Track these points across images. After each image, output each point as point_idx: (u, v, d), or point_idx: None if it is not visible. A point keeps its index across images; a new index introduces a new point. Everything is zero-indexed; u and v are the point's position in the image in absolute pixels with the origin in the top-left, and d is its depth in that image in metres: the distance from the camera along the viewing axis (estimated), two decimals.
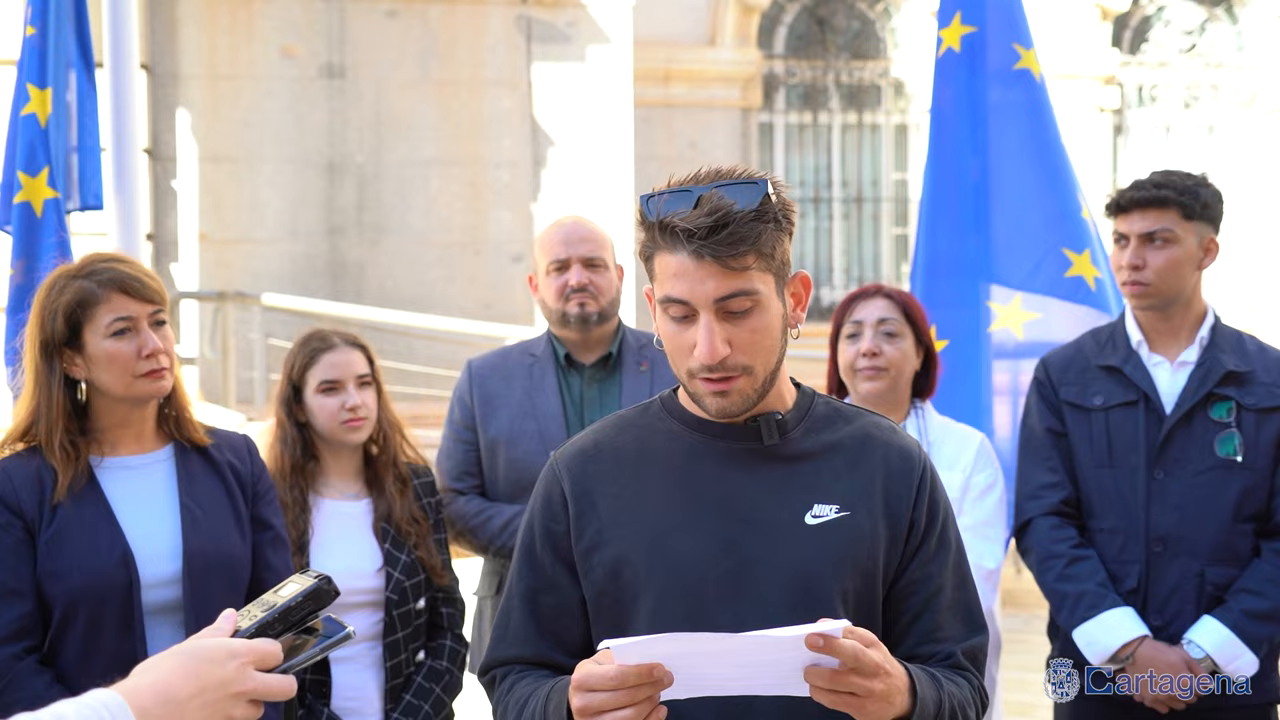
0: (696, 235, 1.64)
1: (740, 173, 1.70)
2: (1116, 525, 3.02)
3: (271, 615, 1.49)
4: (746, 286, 1.67)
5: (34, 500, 2.33)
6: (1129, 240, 3.04)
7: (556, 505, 1.82)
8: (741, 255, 1.66)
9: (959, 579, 1.83)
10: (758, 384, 1.73)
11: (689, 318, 1.70)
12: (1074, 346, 3.20)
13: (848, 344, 2.99)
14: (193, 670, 1.38)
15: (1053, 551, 3.03)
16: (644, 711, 1.53)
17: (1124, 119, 11.26)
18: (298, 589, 1.51)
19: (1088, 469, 3.06)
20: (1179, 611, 2.96)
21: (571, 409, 3.21)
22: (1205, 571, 2.95)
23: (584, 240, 3.21)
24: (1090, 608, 2.95)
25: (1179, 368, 3.05)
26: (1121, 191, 3.07)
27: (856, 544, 1.74)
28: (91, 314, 2.37)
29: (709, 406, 1.74)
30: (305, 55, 8.39)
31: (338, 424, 2.90)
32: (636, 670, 1.50)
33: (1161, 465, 2.99)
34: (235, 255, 8.33)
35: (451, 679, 2.97)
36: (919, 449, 1.86)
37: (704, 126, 10.56)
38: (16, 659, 2.27)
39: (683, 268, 1.67)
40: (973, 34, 3.82)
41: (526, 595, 1.83)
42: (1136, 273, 3.02)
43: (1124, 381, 3.06)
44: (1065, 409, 3.10)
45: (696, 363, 1.70)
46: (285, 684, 1.44)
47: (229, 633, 1.47)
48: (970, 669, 1.80)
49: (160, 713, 1.34)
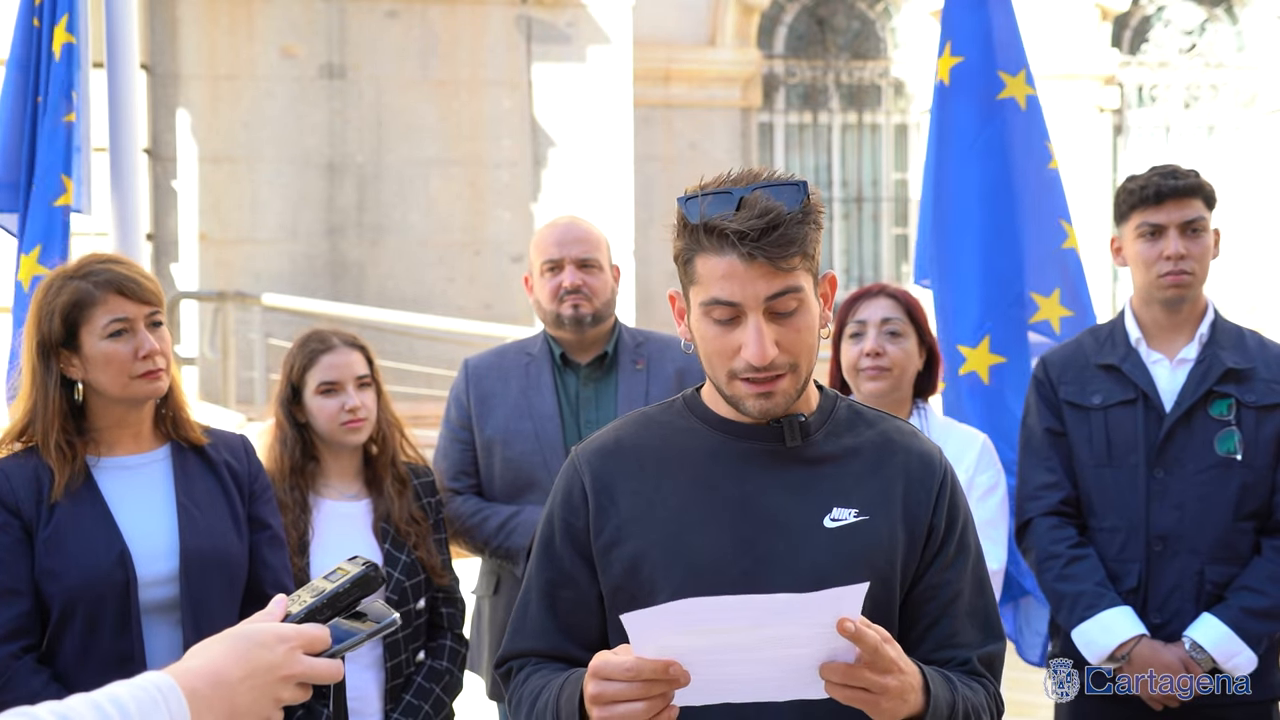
0: (749, 237, 1.65)
1: (775, 175, 1.72)
2: (1117, 524, 3.01)
3: (320, 601, 1.53)
4: (794, 283, 1.68)
5: (32, 500, 2.33)
6: (1165, 231, 2.99)
7: (577, 500, 1.82)
8: (790, 256, 1.67)
9: (977, 585, 1.83)
10: (800, 382, 1.74)
11: (734, 320, 1.70)
12: (1073, 345, 3.19)
13: (851, 344, 2.99)
14: (243, 653, 1.41)
15: (1052, 551, 3.03)
16: (656, 707, 1.52)
17: (1124, 119, 11.26)
18: (345, 576, 1.56)
19: (1087, 468, 3.06)
20: (1179, 610, 2.95)
21: (567, 408, 3.21)
22: (1205, 570, 2.95)
23: (578, 241, 3.20)
24: (1088, 607, 2.94)
25: (1178, 365, 3.04)
26: (1152, 181, 3.01)
27: (874, 548, 1.75)
28: (88, 315, 2.37)
29: (751, 409, 1.74)
30: (305, 55, 8.40)
31: (337, 425, 2.90)
32: (652, 665, 1.50)
33: (1161, 464, 2.98)
34: (235, 255, 8.33)
35: (452, 679, 2.97)
36: (940, 454, 1.86)
37: (704, 126, 10.56)
38: (14, 658, 2.28)
39: (732, 269, 1.67)
40: (960, 64, 3.76)
41: (544, 589, 1.84)
42: (1181, 263, 2.98)
43: (1123, 380, 3.05)
44: (1064, 408, 3.09)
45: (742, 363, 1.70)
46: (333, 668, 1.48)
47: (279, 618, 1.50)
48: (986, 675, 1.80)
49: (210, 694, 1.37)
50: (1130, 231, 3.06)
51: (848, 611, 1.49)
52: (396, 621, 1.57)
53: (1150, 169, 3.08)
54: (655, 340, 3.30)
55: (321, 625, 1.50)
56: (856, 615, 1.50)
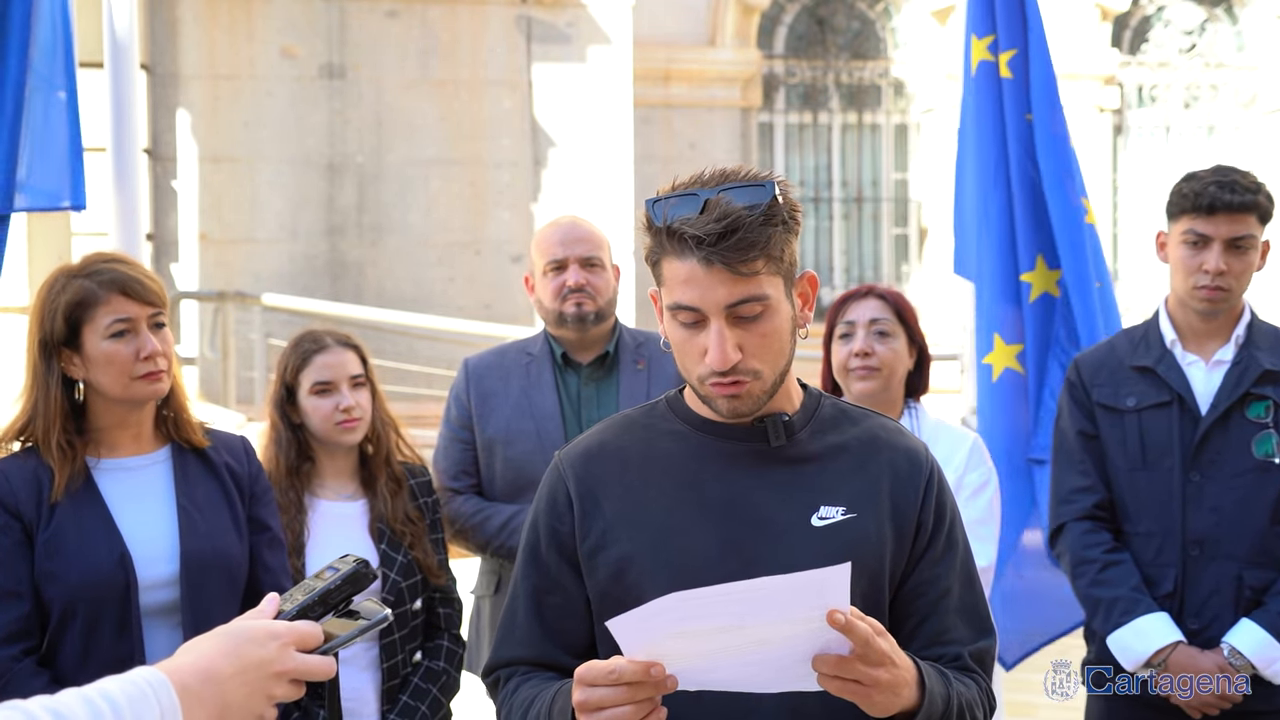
0: (706, 242, 1.63)
1: (746, 174, 1.69)
2: (1152, 528, 2.96)
3: (312, 598, 1.54)
4: (756, 292, 1.66)
5: (32, 501, 2.32)
6: (1210, 243, 2.92)
7: (561, 505, 1.81)
8: (751, 260, 1.64)
9: (966, 581, 1.83)
10: (767, 387, 1.72)
11: (699, 323, 1.69)
12: (1107, 346, 3.14)
13: (840, 344, 3.00)
14: (234, 650, 1.42)
15: (1086, 556, 2.99)
16: (643, 711, 1.52)
17: (1124, 119, 11.26)
18: (337, 573, 1.57)
19: (1121, 471, 3.01)
20: (1217, 615, 2.90)
21: (569, 408, 3.21)
22: (1243, 574, 2.89)
23: (581, 240, 3.20)
24: (1124, 613, 2.90)
25: (1214, 367, 2.98)
26: (1208, 191, 2.91)
27: (863, 546, 1.74)
28: (91, 314, 2.36)
29: (721, 408, 1.73)
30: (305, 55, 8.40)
31: (332, 425, 2.89)
32: (633, 668, 1.49)
33: (1197, 467, 2.93)
34: (235, 255, 8.34)
35: (449, 679, 2.97)
36: (926, 451, 1.86)
37: (704, 126, 10.57)
38: (15, 660, 2.27)
39: (692, 274, 1.65)
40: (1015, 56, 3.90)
41: (531, 595, 1.82)
42: (1220, 278, 2.92)
43: (1157, 382, 2.99)
44: (1098, 410, 3.04)
45: (707, 369, 1.69)
46: (325, 664, 1.48)
47: (272, 615, 1.51)
48: (978, 671, 1.80)
49: (201, 690, 1.37)
50: (1176, 234, 2.99)
51: (834, 594, 1.48)
52: (389, 617, 1.58)
53: (1214, 170, 2.98)
54: (656, 340, 3.30)
55: (313, 622, 1.51)
56: (844, 598, 1.49)
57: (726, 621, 1.48)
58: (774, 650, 1.52)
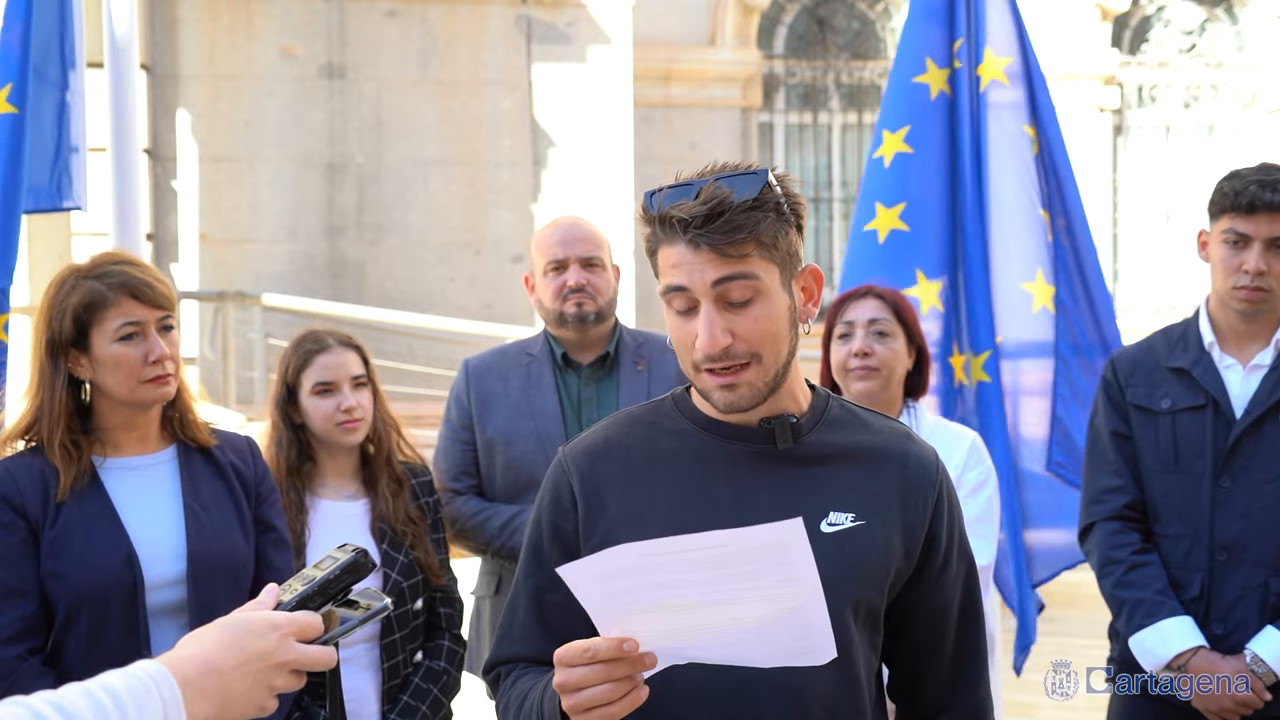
0: (693, 224, 1.64)
1: (742, 166, 1.70)
2: (1181, 531, 2.94)
3: (311, 588, 1.54)
4: (745, 270, 1.65)
5: (38, 500, 2.32)
6: (1251, 243, 2.88)
7: (565, 503, 1.80)
8: (739, 243, 1.64)
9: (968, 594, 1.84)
10: (768, 375, 1.70)
11: (692, 309, 1.69)
12: (1144, 346, 3.10)
13: (839, 344, 3.00)
14: (235, 641, 1.42)
15: (1113, 557, 2.98)
16: (623, 689, 1.52)
17: (1124, 119, 11.26)
18: (336, 563, 1.57)
19: (1153, 473, 2.99)
20: (1241, 621, 2.88)
21: (569, 408, 3.21)
22: (1270, 582, 2.87)
23: (581, 240, 3.21)
24: (1147, 615, 2.89)
25: (1251, 371, 2.95)
26: (1249, 190, 2.87)
27: (871, 554, 1.73)
28: (100, 316, 2.36)
29: (716, 401, 1.71)
30: (305, 55, 8.40)
31: (333, 425, 2.90)
32: (607, 645, 1.50)
33: (1228, 472, 2.90)
34: (235, 255, 8.34)
35: (449, 679, 2.97)
36: (935, 458, 1.84)
37: (704, 126, 10.57)
38: (20, 660, 2.27)
39: (681, 257, 1.66)
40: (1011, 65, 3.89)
41: (533, 593, 1.82)
42: (1260, 278, 2.87)
43: (1192, 384, 2.96)
44: (1132, 411, 3.02)
45: (700, 354, 1.68)
46: (325, 655, 1.49)
47: (271, 606, 1.51)
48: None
49: (203, 682, 1.38)
50: (1217, 233, 2.95)
51: (796, 553, 1.45)
52: (389, 606, 1.58)
53: (1257, 169, 2.95)
54: (655, 341, 3.30)
55: (313, 612, 1.51)
56: (804, 553, 1.45)
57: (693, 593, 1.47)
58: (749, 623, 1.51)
